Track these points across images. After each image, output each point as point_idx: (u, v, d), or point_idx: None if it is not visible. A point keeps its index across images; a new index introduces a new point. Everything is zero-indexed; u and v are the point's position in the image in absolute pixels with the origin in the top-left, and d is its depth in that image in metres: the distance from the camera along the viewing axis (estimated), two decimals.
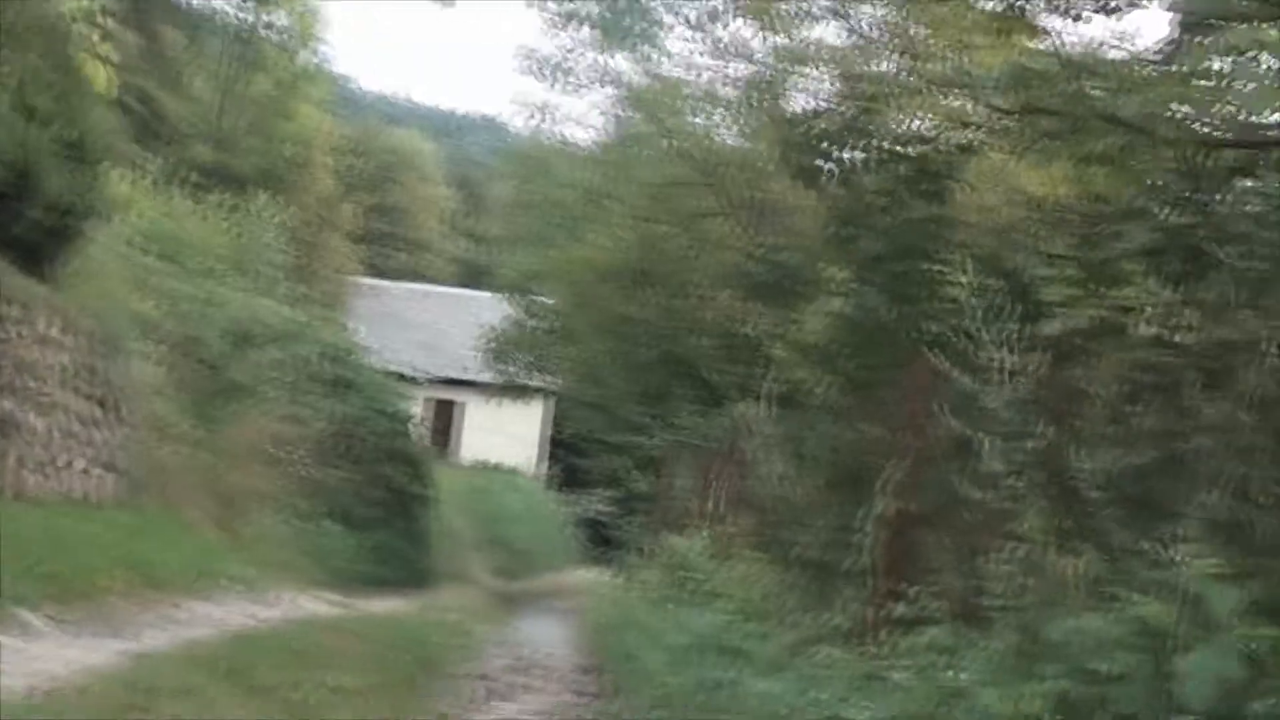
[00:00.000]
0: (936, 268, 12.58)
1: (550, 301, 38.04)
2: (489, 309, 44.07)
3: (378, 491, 30.61)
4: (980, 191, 13.61)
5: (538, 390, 46.02)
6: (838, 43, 19.85)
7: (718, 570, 15.41)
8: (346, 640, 12.83)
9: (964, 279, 11.68)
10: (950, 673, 7.28)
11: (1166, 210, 10.76)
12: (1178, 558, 6.59)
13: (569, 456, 43.56)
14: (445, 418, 54.64)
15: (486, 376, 44.18)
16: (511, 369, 41.52)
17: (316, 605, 20.86)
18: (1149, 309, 10.43)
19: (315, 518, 27.56)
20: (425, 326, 56.97)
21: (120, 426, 20.42)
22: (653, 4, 30.59)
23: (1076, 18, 11.43)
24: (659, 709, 10.05)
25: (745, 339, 29.21)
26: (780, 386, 22.60)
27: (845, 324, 12.61)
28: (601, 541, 33.99)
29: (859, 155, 14.25)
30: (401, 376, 45.88)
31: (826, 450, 12.78)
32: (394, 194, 63.49)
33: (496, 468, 53.25)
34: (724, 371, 29.40)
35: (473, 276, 60.08)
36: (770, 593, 13.13)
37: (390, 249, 64.04)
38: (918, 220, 12.87)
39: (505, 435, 52.07)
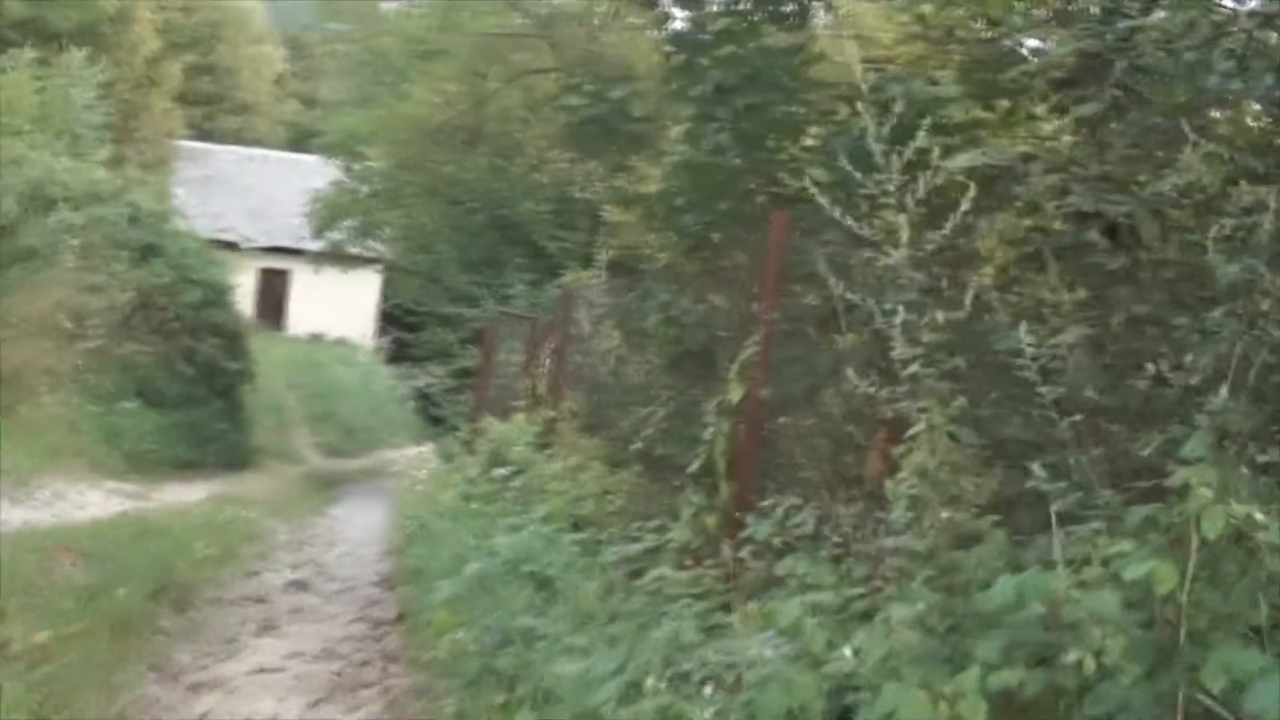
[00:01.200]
0: (795, 107, 10.31)
1: (376, 164, 35.20)
2: (321, 174, 41.01)
3: (187, 367, 27.89)
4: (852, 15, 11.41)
5: (371, 260, 43.56)
6: None
7: (542, 463, 13.11)
8: (78, 555, 10.39)
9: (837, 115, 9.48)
10: (835, 648, 5.03)
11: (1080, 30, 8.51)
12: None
13: (400, 329, 40.70)
14: (275, 288, 51.94)
15: (317, 245, 41.21)
16: (338, 236, 38.69)
17: (91, 499, 18.38)
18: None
19: (112, 398, 24.85)
20: (254, 192, 54.10)
21: None
22: None
23: None
24: (440, 676, 7.73)
25: (580, 203, 27.04)
26: (614, 251, 20.55)
27: (686, 172, 10.25)
28: (434, 419, 31.52)
29: None
30: (225, 244, 43.48)
31: (665, 324, 10.46)
32: (221, 54, 60.13)
33: (329, 340, 50.64)
34: (558, 238, 27.18)
35: (304, 141, 56.84)
36: (601, 493, 10.85)
37: (218, 111, 60.76)
38: (775, 50, 10.49)
39: (337, 306, 49.63)
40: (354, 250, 39.68)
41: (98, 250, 26.96)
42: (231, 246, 46.50)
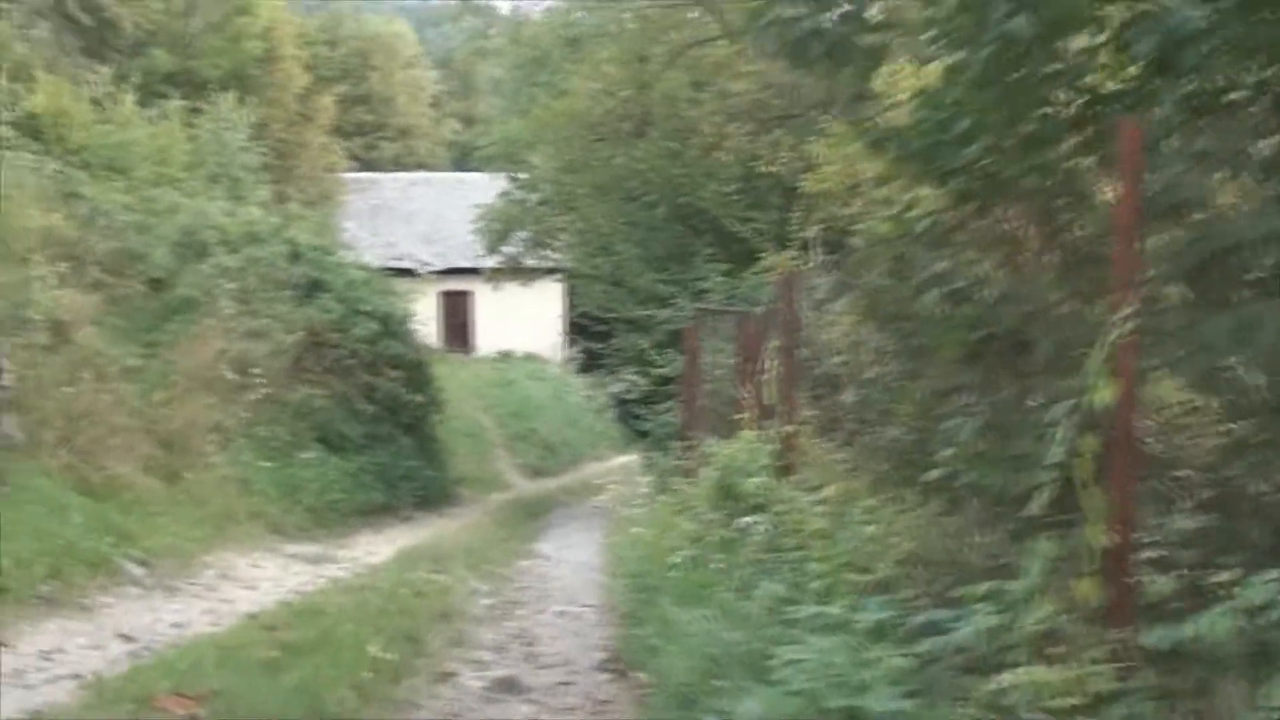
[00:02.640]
0: None
1: (541, 169, 32.31)
2: (488, 191, 38.29)
3: (368, 406, 25.30)
4: None
5: (551, 271, 40.93)
6: None
7: (789, 496, 10.09)
8: (200, 699, 7.64)
9: None
10: None
11: None
12: None
13: (589, 338, 37.69)
14: (459, 311, 49.60)
15: (493, 262, 38.50)
16: (514, 250, 35.91)
17: (265, 571, 15.79)
18: None
19: (289, 448, 22.32)
20: (423, 216, 51.90)
21: None
22: None
23: None
24: None
25: (767, 178, 23.99)
26: (821, 226, 17.47)
27: (958, 85, 7.16)
28: (635, 426, 28.60)
29: None
30: (402, 272, 41.29)
31: (949, 303, 7.39)
32: (374, 82, 57.94)
33: (518, 357, 48.18)
34: (748, 220, 24.11)
35: (467, 159, 54.50)
36: (885, 541, 7.82)
37: (377, 139, 58.54)
38: None
39: (523, 321, 47.19)
40: (531, 262, 36.84)
41: (258, 293, 24.47)
42: (408, 273, 44.34)
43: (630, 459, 33.36)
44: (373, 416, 25.44)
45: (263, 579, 15.20)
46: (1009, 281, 7.28)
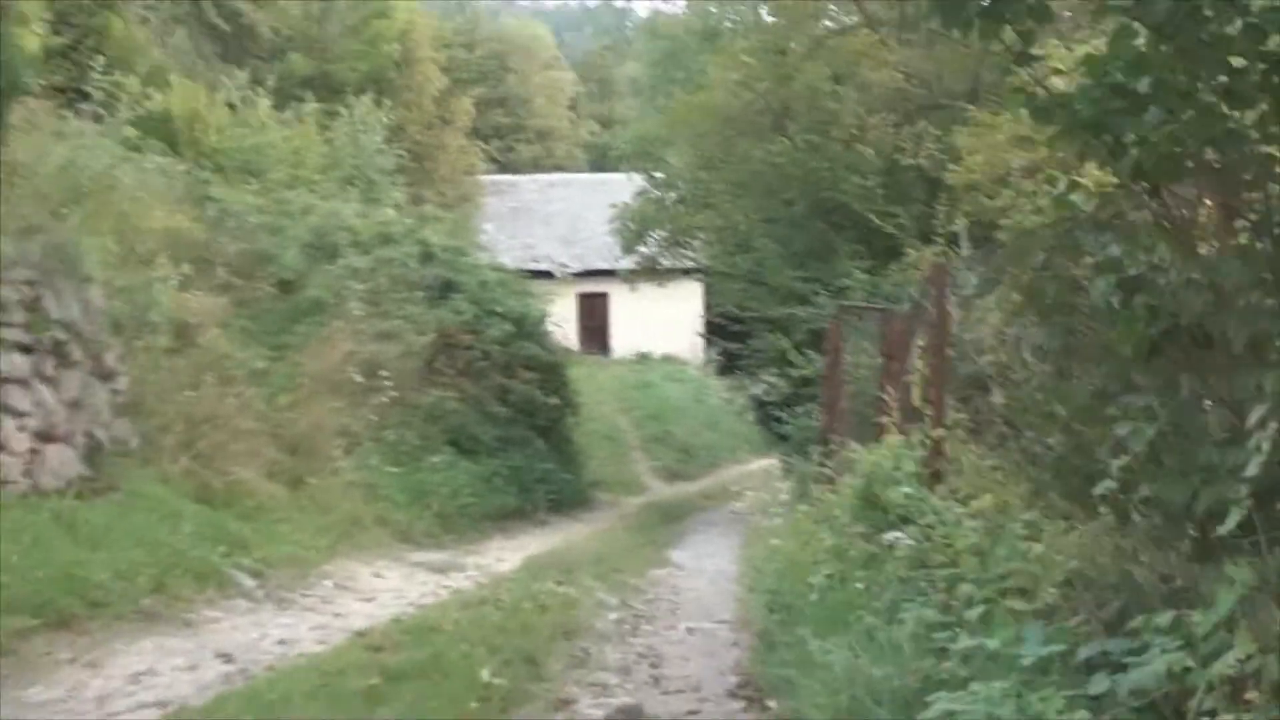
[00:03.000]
0: None
1: (678, 166, 31.47)
2: (627, 192, 37.47)
3: (501, 408, 24.68)
4: None
5: (689, 271, 40.10)
6: None
7: (938, 509, 9.22)
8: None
9: None
10: None
11: None
12: None
13: (727, 339, 36.62)
14: (596, 312, 49.09)
15: (631, 263, 37.71)
16: (650, 249, 35.08)
17: (387, 581, 15.16)
18: None
19: (418, 453, 21.74)
20: (561, 218, 51.38)
21: (96, 381, 14.65)
22: None
23: None
24: None
25: (910, 170, 23.03)
26: (968, 219, 16.58)
27: (1144, 37, 6.23)
28: (775, 429, 27.64)
29: None
30: (540, 274, 40.79)
31: (1122, 292, 6.47)
32: (511, 84, 57.48)
33: (656, 359, 47.47)
34: (891, 215, 23.13)
35: (605, 160, 53.87)
36: (1046, 559, 6.92)
37: (516, 142, 58.09)
38: None
39: (661, 323, 46.34)
40: (668, 262, 35.98)
41: (389, 294, 23.95)
42: (546, 275, 43.81)
43: (770, 462, 32.56)
44: (506, 419, 24.83)
45: (383, 590, 14.53)
46: (1191, 267, 6.34)
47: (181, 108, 26.96)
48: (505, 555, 19.29)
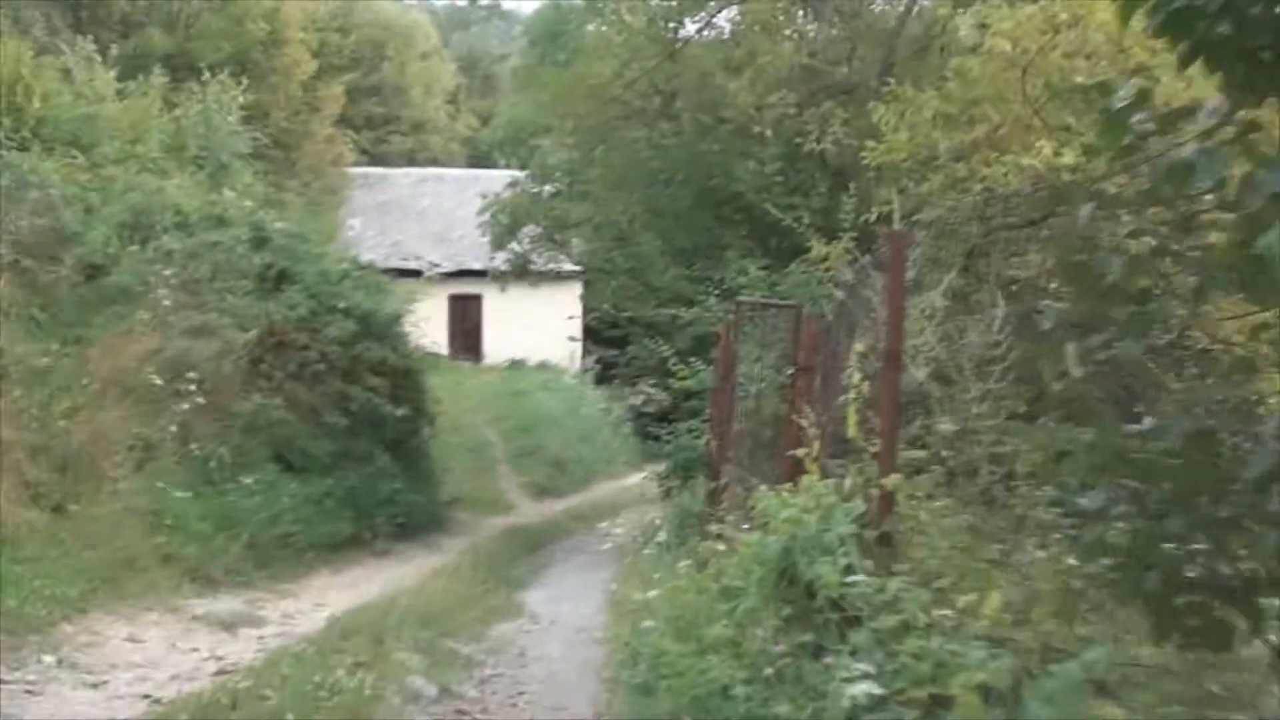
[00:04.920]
0: None
1: (556, 155, 27.76)
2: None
3: (340, 418, 20.81)
4: None
5: (568, 273, 36.58)
6: None
7: (896, 596, 5.66)
8: None
9: None
10: None
11: None
12: None
13: (606, 345, 32.86)
14: (468, 315, 45.33)
15: (504, 263, 34.03)
16: (523, 246, 31.38)
17: (145, 651, 11.28)
18: None
19: (230, 471, 17.84)
20: (434, 215, 47.47)
21: None
22: None
23: None
24: None
25: (814, 158, 19.59)
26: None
27: None
28: (655, 448, 24.01)
29: None
30: (409, 273, 37.20)
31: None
32: (387, 73, 53.40)
33: (530, 366, 43.86)
34: (793, 206, 19.63)
35: (487, 158, 50.12)
36: None
37: (389, 133, 54.04)
38: None
39: (536, 328, 42.82)
40: (542, 261, 32.29)
41: (210, 283, 20.09)
42: (415, 274, 40.09)
43: (647, 477, 29.20)
44: (346, 431, 20.96)
45: (130, 664, 10.71)
46: None
47: (3, 71, 23.25)
48: (327, 598, 15.66)
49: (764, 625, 6.74)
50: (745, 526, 9.01)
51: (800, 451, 8.72)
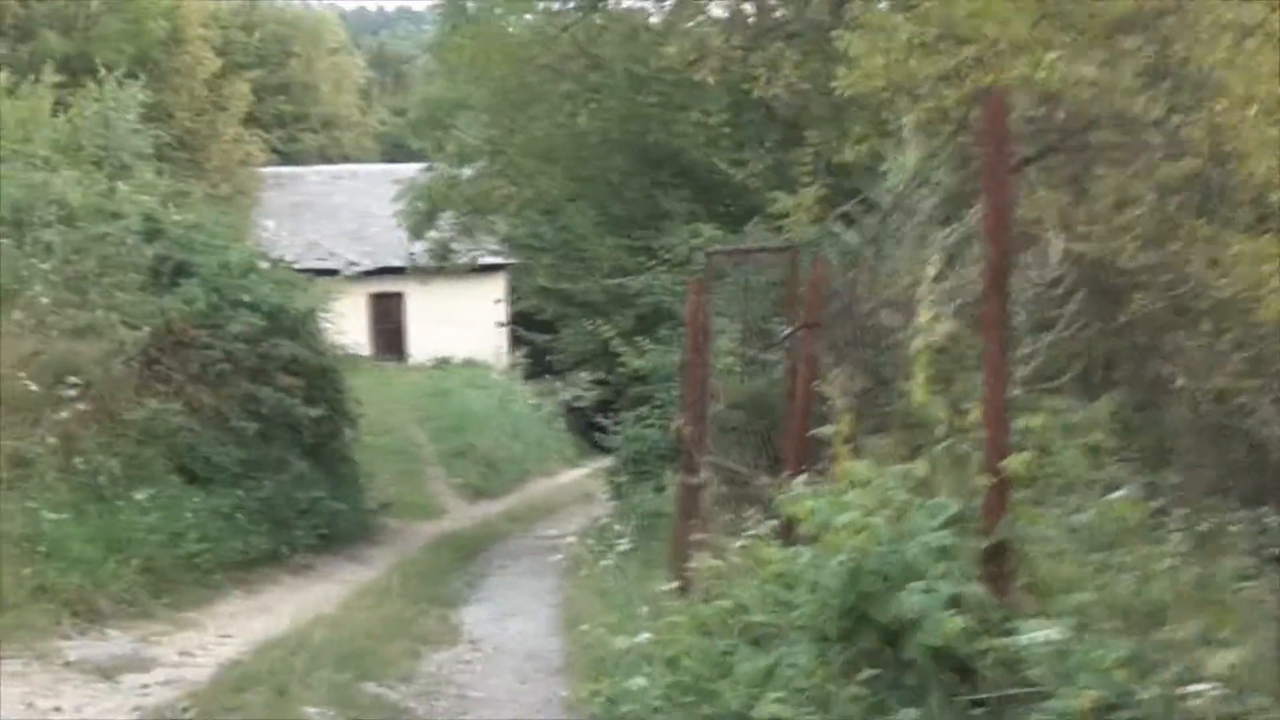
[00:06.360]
0: None
1: (474, 133, 25.15)
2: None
3: (249, 423, 18.23)
4: None
5: (492, 266, 34.22)
6: None
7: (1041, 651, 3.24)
8: None
9: None
10: None
11: None
12: None
13: (538, 331, 30.27)
14: (391, 314, 42.89)
15: (422, 251, 31.61)
16: (443, 234, 28.89)
17: None
18: None
19: (123, 484, 15.21)
20: (348, 212, 44.83)
21: None
22: None
23: None
24: None
25: (760, 105, 17.25)
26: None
27: None
28: (598, 440, 21.55)
29: None
30: (326, 273, 34.69)
31: None
32: (294, 69, 50.73)
33: (457, 363, 41.32)
34: (742, 162, 17.26)
35: (401, 153, 47.58)
36: None
37: (299, 130, 51.33)
38: None
39: (463, 324, 40.38)
40: (463, 249, 29.83)
41: (97, 279, 17.47)
42: (332, 274, 37.47)
43: (584, 473, 26.90)
44: (257, 436, 18.38)
45: None
46: None
47: None
48: (235, 626, 13.12)
49: (837, 702, 4.29)
50: (755, 534, 6.62)
51: (826, 430, 6.31)
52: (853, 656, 4.54)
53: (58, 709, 9.10)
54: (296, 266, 26.24)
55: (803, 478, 6.10)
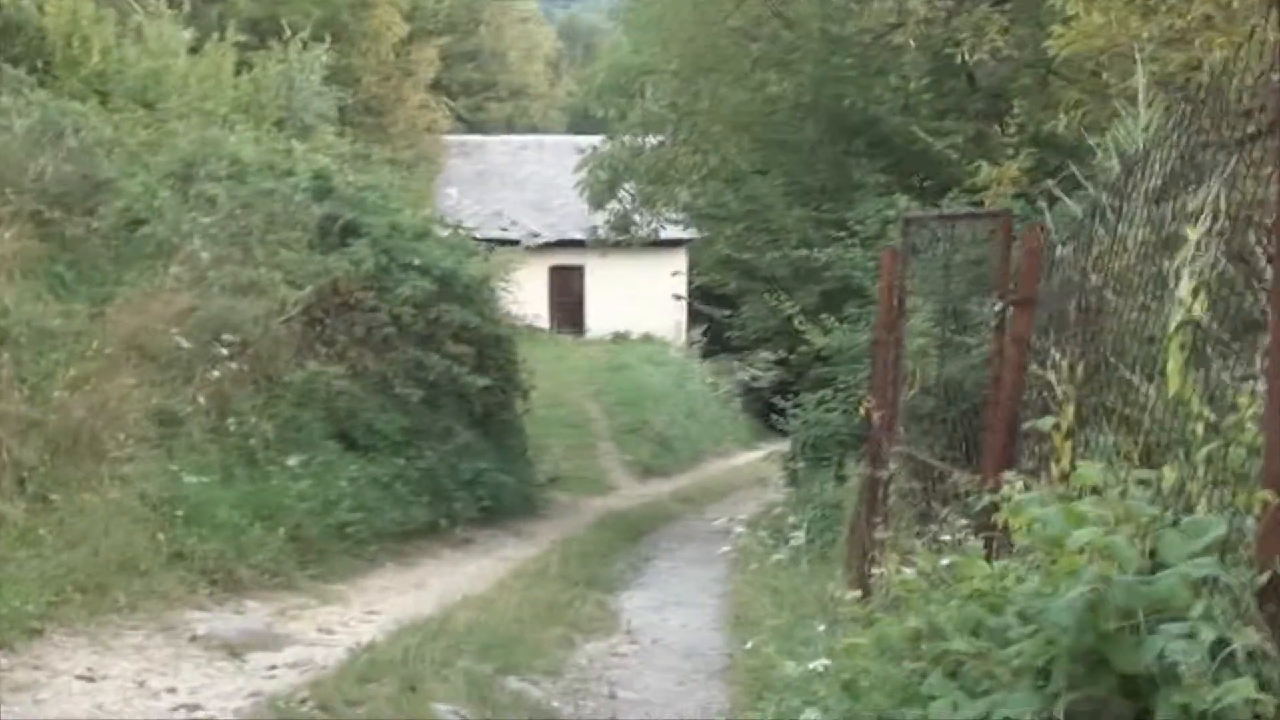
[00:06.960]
0: None
1: (659, 102, 24.16)
2: None
3: (414, 390, 17.56)
4: None
5: (673, 241, 33.32)
6: None
7: None
8: None
9: None
10: None
11: None
12: None
13: (717, 306, 29.14)
14: (570, 287, 42.30)
15: (601, 220, 30.80)
16: (625, 205, 28.03)
17: (54, 707, 7.96)
18: None
19: (273, 447, 14.59)
20: (533, 183, 44.18)
21: None
22: None
23: None
24: None
25: (963, 70, 16.13)
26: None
27: None
28: (776, 423, 20.47)
29: None
30: (508, 243, 33.95)
31: None
32: (484, 37, 50.26)
33: (635, 339, 40.75)
34: (943, 132, 16.13)
35: (588, 125, 46.96)
36: None
37: (486, 99, 50.87)
38: None
39: (642, 299, 39.58)
40: (645, 222, 28.90)
41: (264, 236, 16.88)
42: (513, 244, 36.89)
43: (759, 456, 25.90)
44: (422, 404, 17.72)
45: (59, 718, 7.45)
46: None
47: (58, 22, 21.07)
48: (383, 602, 12.41)
49: None
50: (951, 538, 5.60)
51: (1046, 421, 5.26)
52: (1083, 710, 3.50)
53: (171, 689, 8.36)
54: (478, 235, 25.75)
55: (1009, 475, 5.06)
